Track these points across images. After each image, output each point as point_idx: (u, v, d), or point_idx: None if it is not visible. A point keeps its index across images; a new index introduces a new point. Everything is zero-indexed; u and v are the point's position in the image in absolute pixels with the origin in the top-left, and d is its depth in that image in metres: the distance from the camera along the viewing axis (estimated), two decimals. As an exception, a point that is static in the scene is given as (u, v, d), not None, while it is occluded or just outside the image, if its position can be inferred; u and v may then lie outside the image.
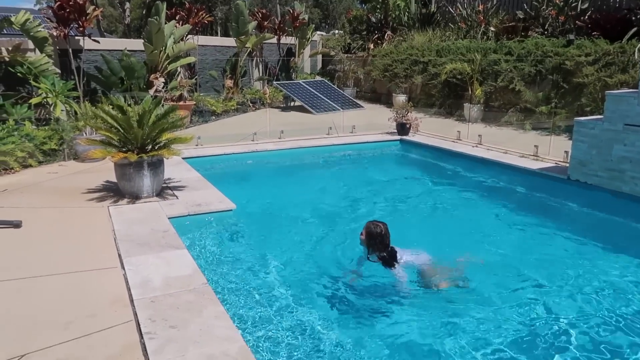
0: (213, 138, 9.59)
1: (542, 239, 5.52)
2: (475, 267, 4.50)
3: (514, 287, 4.32)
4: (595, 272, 4.61)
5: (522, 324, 3.70)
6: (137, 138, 5.73)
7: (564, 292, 4.24)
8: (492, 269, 4.65)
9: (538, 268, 4.68)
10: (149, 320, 3.23)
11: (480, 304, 3.97)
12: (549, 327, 3.68)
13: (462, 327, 3.61)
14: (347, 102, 15.26)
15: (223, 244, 4.99)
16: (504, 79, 11.99)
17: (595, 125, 6.80)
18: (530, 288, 4.31)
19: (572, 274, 4.55)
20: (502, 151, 8.95)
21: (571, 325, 3.69)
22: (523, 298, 4.12)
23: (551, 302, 4.05)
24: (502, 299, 4.11)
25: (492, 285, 4.31)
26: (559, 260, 4.89)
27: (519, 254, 5.08)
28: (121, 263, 4.15)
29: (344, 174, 8.74)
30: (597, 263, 4.82)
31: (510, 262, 4.83)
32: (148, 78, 11.63)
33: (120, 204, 5.75)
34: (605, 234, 5.65)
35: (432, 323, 3.65)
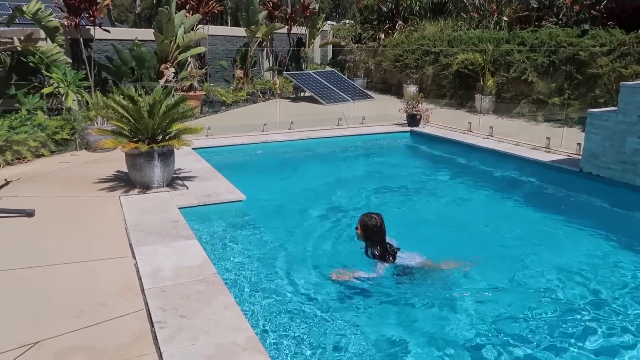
0: (223, 128, 9.60)
1: (553, 232, 5.47)
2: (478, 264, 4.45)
3: (523, 279, 4.30)
4: (608, 266, 4.58)
5: (533, 316, 3.69)
6: (148, 128, 5.76)
7: (574, 283, 4.21)
8: (501, 261, 4.64)
9: (548, 260, 4.65)
10: (160, 310, 3.27)
11: (490, 291, 3.96)
12: (559, 316, 3.67)
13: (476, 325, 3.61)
14: (357, 92, 15.18)
15: (233, 234, 5.02)
16: (516, 70, 11.85)
17: (609, 117, 6.70)
18: (541, 280, 4.29)
19: (583, 267, 4.52)
20: (514, 143, 8.86)
21: (582, 316, 3.69)
22: (533, 290, 4.11)
23: (562, 293, 4.03)
24: (511, 289, 4.10)
25: (500, 277, 4.30)
26: (570, 253, 4.86)
27: (529, 246, 5.05)
28: (132, 252, 4.19)
29: (354, 165, 8.72)
30: (610, 256, 4.79)
31: (519, 255, 4.80)
32: (158, 68, 11.64)
33: (131, 194, 5.79)
34: (618, 227, 5.58)
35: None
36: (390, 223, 5.65)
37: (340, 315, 3.60)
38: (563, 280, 4.27)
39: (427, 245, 4.97)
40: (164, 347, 2.87)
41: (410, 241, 5.04)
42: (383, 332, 3.42)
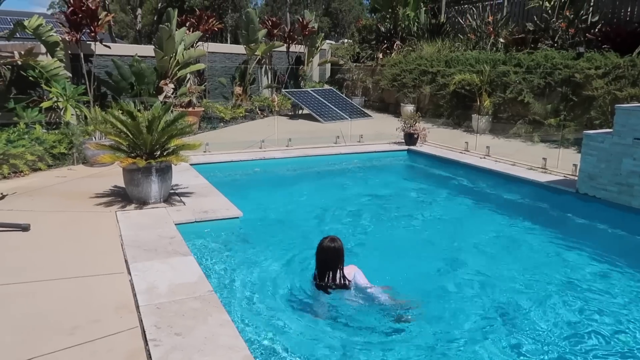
0: (221, 145, 9.63)
1: (549, 253, 5.47)
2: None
3: (521, 301, 4.28)
4: (604, 288, 4.57)
5: (531, 335, 3.67)
6: (146, 144, 5.77)
7: (572, 305, 4.20)
8: (496, 282, 4.62)
9: (544, 282, 4.64)
10: (154, 327, 3.23)
11: (492, 316, 3.95)
12: (561, 339, 3.65)
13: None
14: (355, 111, 15.28)
15: (229, 251, 4.99)
16: (512, 91, 11.96)
17: (604, 139, 6.76)
18: (539, 302, 4.27)
19: (579, 288, 4.52)
20: (510, 163, 8.91)
21: (577, 338, 3.67)
22: (530, 310, 4.10)
23: (558, 316, 4.02)
24: (510, 312, 4.08)
25: (495, 300, 4.29)
26: (567, 275, 4.86)
27: (524, 267, 5.04)
28: (127, 268, 4.16)
29: (351, 184, 8.73)
30: (605, 279, 4.78)
31: (514, 275, 4.80)
32: (158, 84, 11.71)
33: (127, 209, 5.77)
34: (614, 249, 5.58)
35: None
36: (383, 242, 5.70)
37: (341, 336, 3.56)
38: (558, 302, 4.26)
39: (416, 265, 4.99)
40: (157, 366, 2.83)
41: (400, 261, 5.07)
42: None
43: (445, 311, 4.03)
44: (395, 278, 4.50)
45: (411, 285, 4.42)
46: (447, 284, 4.60)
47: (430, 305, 4.10)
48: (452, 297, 4.30)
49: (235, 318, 3.53)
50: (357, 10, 42.32)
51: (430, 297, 4.28)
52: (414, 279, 4.62)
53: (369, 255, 5.20)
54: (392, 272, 4.67)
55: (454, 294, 4.38)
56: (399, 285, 4.26)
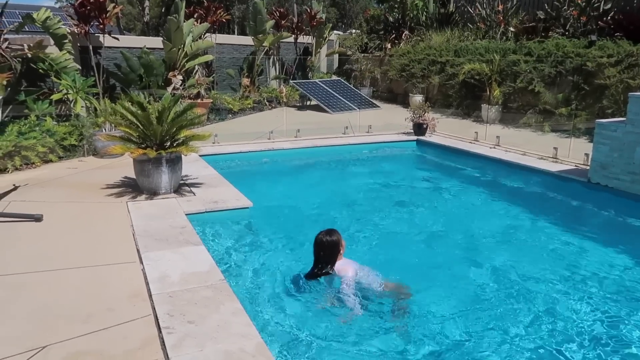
0: (230, 136, 9.63)
1: (560, 243, 5.43)
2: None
3: (530, 289, 4.27)
4: (615, 278, 4.54)
5: (538, 327, 3.65)
6: (156, 134, 5.78)
7: (584, 295, 4.18)
8: (508, 272, 4.60)
9: (556, 272, 4.62)
10: (167, 315, 3.25)
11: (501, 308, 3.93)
12: (567, 328, 3.64)
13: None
14: (363, 101, 15.21)
15: (240, 241, 5.01)
16: (523, 80, 11.85)
17: (617, 128, 6.68)
18: (549, 291, 4.25)
19: (592, 278, 4.49)
20: (521, 153, 8.83)
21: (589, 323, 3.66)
22: (541, 301, 4.08)
23: (570, 305, 4.00)
24: (522, 302, 4.07)
25: (505, 289, 4.27)
26: (577, 264, 4.83)
27: (535, 257, 5.02)
28: (139, 258, 4.19)
29: (360, 174, 8.71)
30: (617, 268, 4.74)
31: (524, 266, 4.77)
32: (166, 75, 11.72)
33: (138, 200, 5.80)
34: (627, 239, 5.54)
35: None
36: (393, 231, 5.69)
37: (352, 324, 3.57)
38: (569, 292, 4.24)
39: (426, 255, 4.99)
40: (171, 353, 2.85)
41: (409, 251, 5.08)
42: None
43: (452, 300, 4.01)
44: (403, 267, 4.51)
45: (418, 274, 4.42)
46: (456, 273, 4.58)
47: (436, 293, 4.08)
48: (461, 287, 4.28)
49: (247, 306, 3.54)
50: (364, 0, 42.03)
51: (438, 285, 4.28)
52: (422, 268, 4.63)
53: (378, 244, 5.21)
54: (400, 261, 4.70)
55: (463, 283, 4.36)
56: (407, 275, 4.26)
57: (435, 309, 3.81)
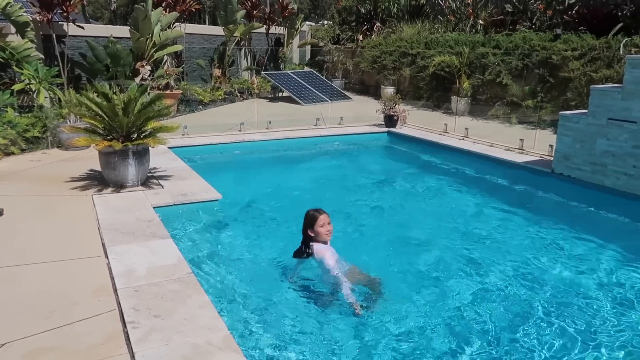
0: (200, 127, 9.53)
1: (524, 232, 5.57)
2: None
3: (497, 278, 4.38)
4: (574, 263, 4.70)
5: (499, 317, 3.76)
6: (123, 126, 5.67)
7: (544, 283, 4.30)
8: (473, 260, 4.71)
9: (519, 260, 4.75)
10: (133, 310, 3.22)
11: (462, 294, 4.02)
12: (524, 316, 3.74)
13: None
14: (335, 93, 15.23)
15: (208, 234, 4.97)
16: (491, 73, 12.06)
17: (579, 120, 6.88)
18: (512, 279, 4.37)
19: (550, 265, 4.64)
20: (488, 144, 9.01)
21: (544, 311, 3.78)
22: (502, 287, 4.19)
23: (529, 293, 4.11)
24: (485, 288, 4.17)
25: (471, 275, 4.37)
26: (541, 252, 4.97)
27: (501, 245, 5.15)
28: (105, 252, 4.12)
29: (331, 166, 8.74)
30: (577, 254, 4.91)
31: (490, 254, 4.89)
32: (134, 66, 11.48)
33: (104, 193, 5.69)
34: (588, 228, 5.72)
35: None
36: (362, 222, 5.74)
37: (319, 316, 3.60)
38: (530, 278, 4.37)
39: (393, 245, 5.05)
40: (136, 348, 2.82)
41: (378, 242, 5.12)
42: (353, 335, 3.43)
43: (416, 292, 4.06)
44: (371, 257, 4.57)
45: (384, 264, 4.48)
46: (421, 263, 4.64)
47: (401, 286, 4.14)
48: (425, 278, 4.33)
49: (215, 299, 3.53)
50: (337, -9, 41.87)
51: (403, 277, 4.34)
52: (389, 258, 4.69)
53: (349, 235, 5.25)
54: (368, 252, 4.75)
55: (428, 274, 4.42)
56: (373, 265, 4.32)
57: (400, 300, 3.87)
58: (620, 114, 6.36)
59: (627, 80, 6.29)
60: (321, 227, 3.95)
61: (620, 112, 6.36)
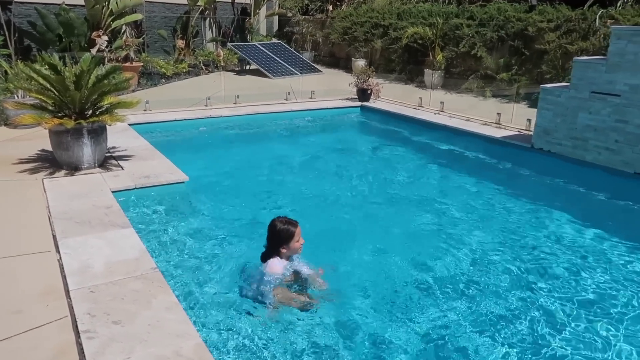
0: (163, 102, 8.92)
1: (504, 208, 5.38)
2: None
3: (473, 256, 4.21)
4: (553, 240, 4.57)
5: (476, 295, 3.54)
6: (75, 102, 5.09)
7: (522, 260, 4.17)
8: (453, 239, 4.52)
9: (498, 236, 4.59)
10: (88, 316, 2.79)
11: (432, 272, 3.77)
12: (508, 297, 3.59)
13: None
14: (305, 66, 14.69)
15: (175, 220, 4.51)
16: (465, 45, 11.77)
17: (561, 93, 6.66)
18: (490, 256, 4.22)
19: (531, 242, 4.49)
20: (465, 119, 8.77)
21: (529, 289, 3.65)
22: (481, 265, 4.05)
23: (508, 269, 3.98)
24: (464, 266, 4.02)
25: (451, 255, 4.19)
26: (520, 228, 4.80)
27: (480, 221, 4.96)
28: (56, 246, 3.64)
29: (303, 142, 8.33)
30: (556, 231, 4.77)
31: (470, 231, 4.70)
32: (89, 36, 10.65)
33: (56, 177, 5.14)
34: (568, 204, 5.56)
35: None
36: (336, 200, 5.47)
37: (300, 314, 3.25)
38: (509, 255, 4.24)
39: (368, 225, 4.82)
40: (92, 362, 2.42)
41: (351, 219, 4.91)
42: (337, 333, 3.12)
43: (387, 272, 3.87)
44: (346, 240, 4.36)
45: (357, 245, 4.27)
46: (395, 240, 4.47)
47: (370, 267, 3.94)
48: (400, 255, 4.13)
49: (184, 299, 3.14)
50: (304, -40, 40.69)
51: (376, 253, 4.15)
52: (363, 238, 4.45)
53: (321, 214, 5.01)
54: (340, 228, 4.58)
55: (402, 252, 4.21)
56: (345, 248, 4.10)
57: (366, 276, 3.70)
58: (604, 87, 6.16)
59: (611, 52, 6.08)
60: (297, 243, 3.40)
61: (603, 85, 6.17)
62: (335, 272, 3.68)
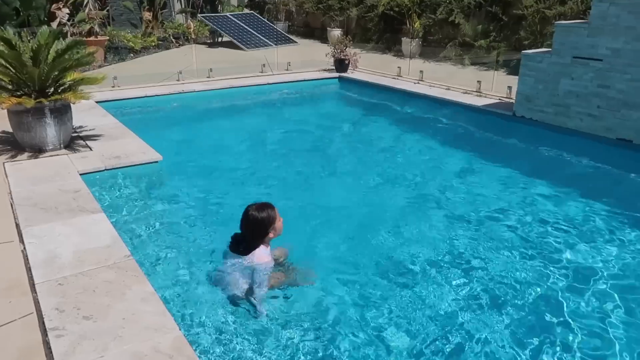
0: (132, 78, 8.52)
1: (489, 178, 5.28)
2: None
3: (451, 224, 4.15)
4: (539, 209, 4.50)
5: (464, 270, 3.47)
6: (34, 79, 4.73)
7: (504, 229, 4.10)
8: (440, 209, 4.45)
9: (483, 208, 4.49)
10: (56, 311, 2.58)
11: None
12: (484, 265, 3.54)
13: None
14: (279, 37, 14.26)
15: (149, 203, 4.26)
16: (443, 12, 11.52)
17: (543, 59, 6.53)
18: (471, 226, 4.14)
19: (519, 213, 4.41)
20: (445, 88, 8.61)
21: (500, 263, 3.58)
22: (459, 234, 3.97)
23: (489, 239, 3.91)
24: (441, 234, 3.95)
25: (430, 226, 4.11)
26: (508, 199, 4.73)
27: (465, 193, 4.86)
28: (19, 235, 3.38)
29: (281, 116, 8.08)
30: (542, 200, 4.70)
31: (455, 202, 4.63)
32: (49, 9, 10.04)
33: (19, 160, 4.82)
34: (549, 171, 5.50)
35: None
36: (317, 177, 5.31)
37: (282, 300, 3.09)
38: (493, 225, 4.18)
39: (348, 200, 4.67)
40: (62, 363, 2.23)
41: (332, 196, 4.74)
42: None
43: (367, 245, 3.78)
44: (323, 213, 4.24)
45: (336, 222, 4.16)
46: (381, 216, 4.34)
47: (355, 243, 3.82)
48: (381, 231, 3.99)
49: (161, 289, 2.94)
50: None
51: (361, 230, 4.01)
52: (343, 215, 4.33)
53: (303, 192, 4.84)
54: (321, 206, 4.42)
55: (385, 227, 4.08)
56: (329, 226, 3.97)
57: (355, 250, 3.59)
58: (586, 52, 6.04)
59: (593, 15, 5.94)
60: (279, 222, 3.15)
61: (585, 50, 6.05)
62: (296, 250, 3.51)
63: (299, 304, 3.03)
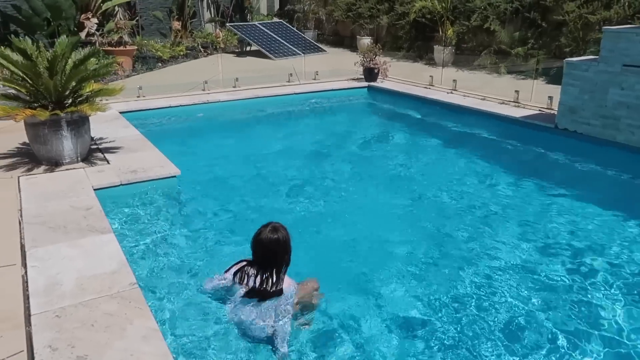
0: (158, 88, 8.39)
1: (531, 196, 4.85)
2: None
3: (496, 244, 3.84)
4: (588, 230, 4.11)
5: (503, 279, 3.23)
6: (49, 90, 4.57)
7: (550, 249, 3.80)
8: (477, 228, 4.13)
9: (528, 228, 4.13)
10: (49, 349, 2.32)
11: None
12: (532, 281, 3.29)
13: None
14: (308, 45, 14.03)
15: (162, 223, 3.96)
16: (477, 18, 11.07)
17: (589, 67, 6.05)
18: (517, 245, 3.83)
19: (560, 232, 4.06)
20: (480, 97, 8.18)
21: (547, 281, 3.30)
22: (503, 252, 3.71)
23: (538, 258, 3.64)
24: (497, 253, 3.70)
25: (475, 235, 3.89)
26: (553, 220, 4.31)
27: (509, 212, 4.49)
28: (23, 258, 3.16)
29: (308, 129, 7.77)
30: (590, 221, 4.28)
31: (497, 222, 4.27)
32: (79, 19, 10.08)
33: (34, 174, 4.65)
34: (599, 189, 5.03)
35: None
36: (349, 189, 5.01)
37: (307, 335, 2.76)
38: (536, 243, 3.88)
39: (387, 217, 4.39)
40: (47, 416, 1.95)
41: (369, 213, 4.47)
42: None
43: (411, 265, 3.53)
44: (357, 229, 4.06)
45: (369, 235, 3.97)
46: (416, 229, 4.11)
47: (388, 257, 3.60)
48: (422, 243, 3.80)
49: (166, 324, 2.64)
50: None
51: (398, 244, 3.78)
52: (376, 227, 4.14)
53: (335, 206, 4.59)
54: (354, 220, 4.24)
55: (424, 240, 3.88)
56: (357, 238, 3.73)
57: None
58: (638, 59, 5.55)
59: (647, 19, 5.45)
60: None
61: (637, 57, 5.57)
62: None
63: (322, 339, 2.69)
